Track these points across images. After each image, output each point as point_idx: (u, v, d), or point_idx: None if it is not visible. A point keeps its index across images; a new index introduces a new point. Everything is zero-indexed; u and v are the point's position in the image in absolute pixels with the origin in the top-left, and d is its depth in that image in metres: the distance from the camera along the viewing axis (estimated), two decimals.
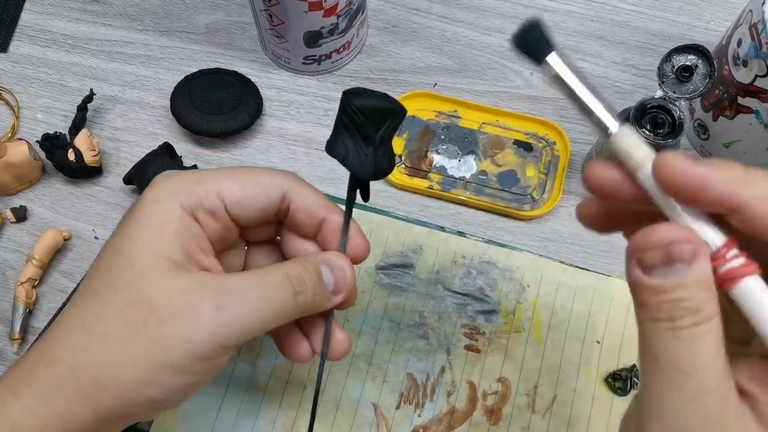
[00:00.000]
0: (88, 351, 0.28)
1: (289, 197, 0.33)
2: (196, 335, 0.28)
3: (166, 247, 0.29)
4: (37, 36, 0.57)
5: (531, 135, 0.52)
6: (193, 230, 0.30)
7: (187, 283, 0.29)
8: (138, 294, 0.29)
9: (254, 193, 0.32)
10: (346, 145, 0.32)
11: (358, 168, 0.32)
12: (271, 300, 0.30)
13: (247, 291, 0.29)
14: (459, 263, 0.47)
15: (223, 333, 0.28)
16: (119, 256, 0.30)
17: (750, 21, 0.43)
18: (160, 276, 0.29)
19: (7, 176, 0.49)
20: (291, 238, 0.34)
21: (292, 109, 0.54)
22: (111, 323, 0.28)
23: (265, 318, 0.30)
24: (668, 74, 0.42)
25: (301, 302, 0.31)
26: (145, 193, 0.31)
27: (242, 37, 0.57)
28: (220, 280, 0.30)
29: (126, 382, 0.28)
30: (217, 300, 0.29)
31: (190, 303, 0.28)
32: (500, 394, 0.44)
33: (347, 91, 0.31)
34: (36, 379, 0.28)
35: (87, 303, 0.29)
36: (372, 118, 0.31)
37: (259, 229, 0.35)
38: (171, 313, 0.28)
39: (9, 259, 0.49)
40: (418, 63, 0.56)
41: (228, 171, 0.32)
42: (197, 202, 0.31)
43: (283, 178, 0.33)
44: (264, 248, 0.36)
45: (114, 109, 0.54)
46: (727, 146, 0.49)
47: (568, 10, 0.58)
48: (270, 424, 0.43)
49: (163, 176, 0.32)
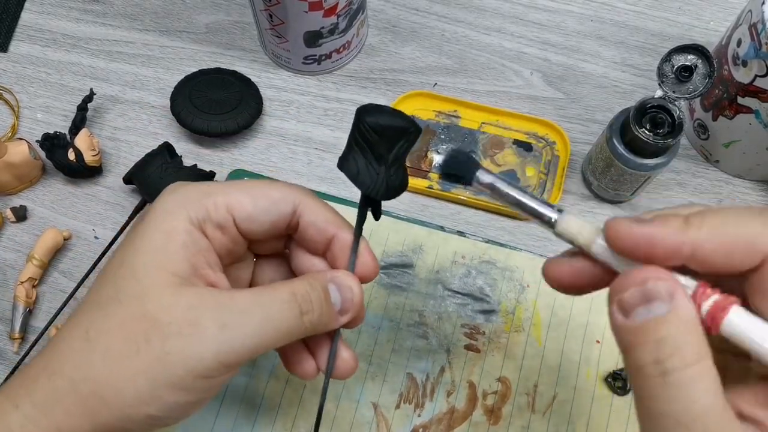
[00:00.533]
0: (89, 364, 0.28)
1: (300, 212, 0.32)
2: (198, 353, 0.28)
3: (172, 260, 0.29)
4: (37, 36, 0.57)
5: (531, 135, 0.52)
6: (201, 244, 0.30)
7: (192, 299, 0.29)
8: (142, 308, 0.28)
9: (264, 207, 0.31)
10: (357, 163, 0.31)
11: (369, 187, 0.31)
12: (276, 319, 0.29)
13: (252, 309, 0.29)
14: (459, 263, 0.47)
15: (226, 352, 0.28)
16: (125, 268, 0.29)
17: (750, 21, 0.43)
18: (164, 291, 0.28)
19: (7, 176, 0.49)
20: (300, 253, 0.34)
21: (292, 108, 0.54)
22: (114, 337, 0.28)
23: (270, 338, 0.29)
24: (668, 74, 0.42)
25: (307, 322, 0.30)
26: (153, 204, 0.31)
27: (242, 37, 0.57)
28: (226, 297, 0.29)
29: (126, 398, 0.28)
30: (222, 318, 0.28)
31: (194, 320, 0.28)
32: (500, 394, 0.44)
33: (361, 108, 0.31)
34: (36, 390, 0.28)
35: (90, 314, 0.29)
36: (385, 137, 0.30)
37: (268, 243, 0.34)
38: (174, 329, 0.28)
39: (9, 259, 0.49)
40: (417, 63, 0.56)
41: (238, 184, 0.32)
42: (206, 216, 0.30)
43: (294, 192, 0.32)
44: (272, 261, 0.36)
45: (114, 109, 0.54)
46: (727, 146, 0.49)
47: (567, 10, 0.58)
48: (269, 424, 0.43)
49: (172, 187, 0.31)
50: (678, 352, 0.22)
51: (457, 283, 0.47)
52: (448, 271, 0.47)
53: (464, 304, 0.46)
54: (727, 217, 0.23)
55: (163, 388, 0.28)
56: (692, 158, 0.53)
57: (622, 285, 0.23)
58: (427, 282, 0.47)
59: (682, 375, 0.22)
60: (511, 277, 0.47)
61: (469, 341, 0.45)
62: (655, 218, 0.24)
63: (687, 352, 0.22)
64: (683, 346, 0.22)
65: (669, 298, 0.22)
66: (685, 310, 0.22)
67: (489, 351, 0.45)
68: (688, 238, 0.23)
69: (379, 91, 0.55)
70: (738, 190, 0.51)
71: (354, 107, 0.54)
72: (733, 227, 0.23)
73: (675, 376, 0.22)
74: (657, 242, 0.23)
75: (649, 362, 0.22)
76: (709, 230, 0.23)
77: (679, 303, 0.22)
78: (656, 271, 0.23)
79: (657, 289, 0.22)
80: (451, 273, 0.47)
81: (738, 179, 0.52)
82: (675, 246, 0.23)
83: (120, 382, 0.28)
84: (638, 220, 0.24)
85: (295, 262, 0.34)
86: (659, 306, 0.22)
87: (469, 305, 0.46)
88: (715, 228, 0.23)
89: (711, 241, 0.23)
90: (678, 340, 0.22)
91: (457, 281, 0.47)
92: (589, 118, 0.54)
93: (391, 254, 0.48)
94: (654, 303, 0.22)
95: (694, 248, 0.23)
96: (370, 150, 0.31)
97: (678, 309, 0.22)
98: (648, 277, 0.23)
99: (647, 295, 0.22)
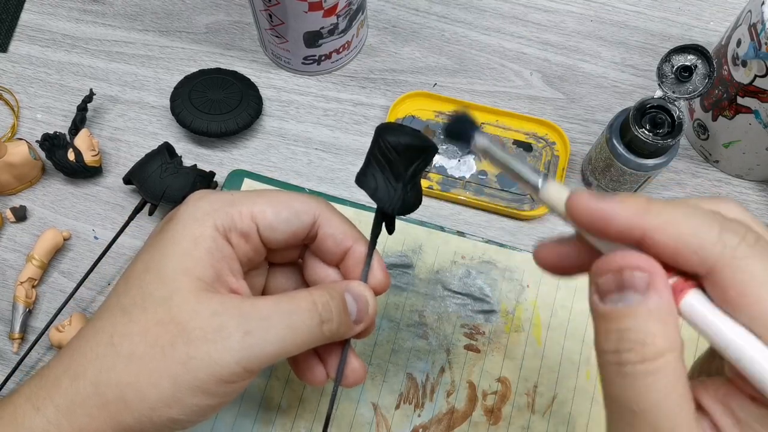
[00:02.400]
0: (113, 369, 0.28)
1: (319, 223, 0.33)
2: (222, 359, 0.28)
3: (197, 266, 0.30)
4: (37, 36, 0.57)
5: (531, 135, 0.52)
6: (225, 251, 0.31)
7: (217, 306, 0.29)
8: (167, 314, 0.29)
9: (287, 217, 0.32)
10: (376, 179, 0.32)
11: (387, 203, 0.32)
12: (297, 327, 0.30)
13: (274, 317, 0.29)
14: (459, 263, 0.47)
15: (249, 358, 0.29)
16: (150, 273, 0.30)
17: (749, 21, 0.43)
18: (190, 296, 0.29)
19: (7, 176, 0.49)
20: (314, 263, 0.35)
21: (292, 109, 0.54)
22: (138, 342, 0.29)
23: (290, 344, 0.30)
24: (668, 74, 0.42)
25: (326, 330, 0.31)
26: (179, 211, 0.31)
27: (242, 37, 0.57)
28: (248, 304, 0.30)
29: (149, 401, 0.28)
30: (245, 325, 0.29)
31: (219, 326, 0.29)
32: (500, 394, 0.44)
33: (381, 127, 0.32)
34: (59, 393, 0.28)
35: (114, 318, 0.30)
36: (404, 156, 0.31)
37: (285, 252, 0.35)
38: (200, 335, 0.28)
39: (9, 259, 0.49)
40: (417, 63, 0.56)
41: (261, 194, 0.32)
42: (231, 224, 0.31)
43: (314, 203, 0.33)
44: (286, 270, 0.36)
45: (114, 109, 0.54)
46: (727, 146, 0.49)
47: (567, 10, 0.58)
48: (269, 424, 0.43)
49: (198, 195, 0.32)
50: (637, 347, 0.22)
51: (457, 283, 0.47)
52: (448, 271, 0.47)
53: (464, 304, 0.46)
54: (689, 216, 0.23)
55: (186, 392, 0.28)
56: (692, 158, 0.53)
57: (600, 268, 0.23)
58: (426, 282, 0.47)
59: (637, 368, 0.22)
60: (511, 278, 0.47)
61: (469, 341, 0.45)
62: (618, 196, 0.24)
63: (648, 348, 0.22)
64: (645, 339, 0.22)
65: (644, 288, 0.22)
66: (658, 302, 0.22)
67: (489, 351, 0.45)
68: (643, 222, 0.23)
69: (379, 92, 0.55)
70: (738, 190, 0.51)
71: (354, 107, 0.54)
72: (687, 227, 0.22)
73: (630, 368, 0.22)
74: (611, 220, 0.23)
75: (609, 350, 0.22)
76: (665, 221, 0.22)
77: (653, 295, 0.22)
78: (636, 259, 0.22)
79: (632, 279, 0.22)
80: (451, 273, 0.47)
81: (738, 179, 0.52)
82: (629, 226, 0.23)
83: (143, 385, 0.28)
84: (600, 195, 0.24)
85: (308, 271, 0.35)
86: (631, 296, 0.22)
87: (469, 305, 0.46)
88: (671, 222, 0.22)
89: (662, 233, 0.22)
90: (640, 334, 0.22)
91: (457, 281, 0.47)
92: (588, 118, 0.54)
93: (390, 254, 0.48)
94: (627, 292, 0.22)
95: (645, 234, 0.23)
96: (389, 167, 0.32)
97: (649, 301, 0.22)
98: (625, 265, 0.22)
99: (621, 283, 0.22)
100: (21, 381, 0.46)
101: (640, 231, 0.23)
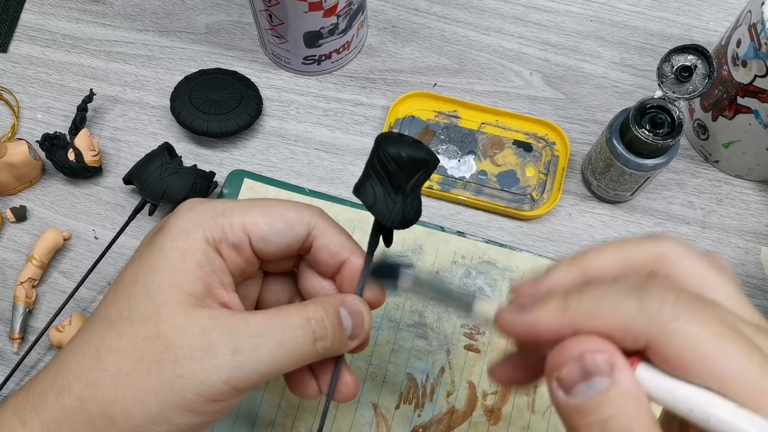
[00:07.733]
0: (99, 384, 0.28)
1: (314, 235, 0.32)
2: (210, 378, 0.27)
3: (186, 280, 0.29)
4: (37, 36, 0.57)
5: (530, 135, 0.52)
6: (216, 264, 0.30)
7: (206, 322, 0.28)
8: (155, 329, 0.28)
9: (280, 229, 0.31)
10: (374, 191, 0.31)
11: (386, 216, 0.31)
12: (289, 345, 0.29)
13: (266, 334, 0.29)
14: (459, 263, 0.47)
15: (237, 377, 0.28)
16: (138, 285, 0.29)
17: (749, 21, 0.43)
18: (177, 311, 0.28)
19: (7, 176, 0.49)
20: (309, 273, 0.34)
21: (292, 109, 0.54)
22: (125, 357, 0.28)
23: (282, 363, 0.29)
24: (667, 74, 0.42)
25: (320, 348, 0.30)
26: (168, 221, 0.30)
27: (242, 37, 0.57)
28: (239, 320, 0.29)
29: (135, 419, 0.27)
30: (235, 342, 0.28)
31: (207, 344, 0.28)
32: (500, 394, 0.44)
33: (381, 137, 0.30)
34: (45, 408, 0.28)
35: (101, 332, 0.29)
36: (405, 168, 0.30)
37: (279, 262, 0.34)
38: (187, 352, 0.28)
39: (9, 259, 0.49)
40: (417, 63, 0.56)
41: (255, 203, 0.32)
42: (222, 235, 0.30)
43: (309, 214, 0.32)
44: (280, 279, 0.35)
45: (114, 109, 0.54)
46: (727, 146, 0.49)
47: (567, 11, 0.58)
48: (269, 425, 0.43)
49: (188, 205, 0.31)
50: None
51: (457, 283, 0.47)
52: (448, 271, 0.47)
53: None
54: (606, 296, 0.22)
55: (173, 410, 0.27)
56: (692, 158, 0.53)
57: (558, 360, 0.22)
58: None
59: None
60: (511, 278, 0.47)
61: (469, 341, 0.45)
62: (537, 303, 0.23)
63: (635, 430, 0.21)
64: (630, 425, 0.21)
65: (609, 370, 0.21)
66: (628, 382, 0.21)
67: (489, 351, 0.45)
68: (567, 319, 0.22)
69: (379, 92, 0.55)
70: (737, 190, 0.51)
71: (354, 107, 0.54)
72: (608, 309, 0.22)
73: None
74: (538, 330, 0.23)
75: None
76: (586, 312, 0.22)
77: (620, 375, 0.21)
78: (592, 343, 0.22)
79: (596, 363, 0.21)
80: (451, 273, 0.47)
81: (737, 179, 0.52)
82: (556, 330, 0.23)
83: (129, 402, 0.27)
84: (521, 307, 0.23)
85: (302, 282, 0.34)
86: (600, 382, 0.21)
87: None
88: (591, 310, 0.22)
89: (588, 324, 0.22)
90: (623, 420, 0.21)
91: (457, 281, 0.47)
92: (588, 118, 0.54)
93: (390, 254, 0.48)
94: (594, 379, 0.21)
95: (574, 329, 0.22)
96: (389, 179, 0.30)
97: (620, 383, 0.21)
98: (585, 350, 0.22)
99: (586, 370, 0.21)
100: (21, 381, 0.46)
101: (569, 329, 0.22)
